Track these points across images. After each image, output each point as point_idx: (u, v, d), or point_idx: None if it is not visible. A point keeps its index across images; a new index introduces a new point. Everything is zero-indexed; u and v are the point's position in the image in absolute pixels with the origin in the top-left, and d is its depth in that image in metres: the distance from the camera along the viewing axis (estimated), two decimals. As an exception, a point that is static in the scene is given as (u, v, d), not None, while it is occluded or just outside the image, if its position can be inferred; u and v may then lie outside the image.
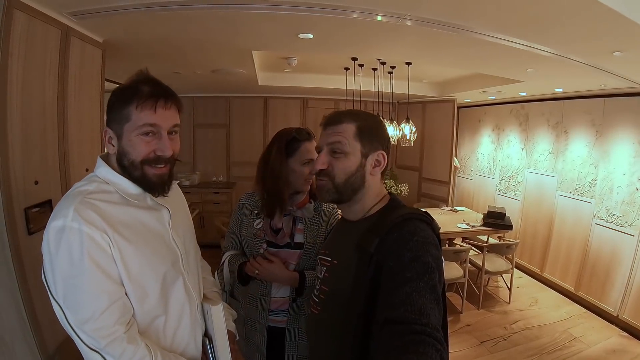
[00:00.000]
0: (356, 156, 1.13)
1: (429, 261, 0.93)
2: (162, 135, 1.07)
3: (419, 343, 0.77)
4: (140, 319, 1.07)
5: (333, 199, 1.17)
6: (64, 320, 0.98)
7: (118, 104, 1.06)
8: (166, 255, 1.14)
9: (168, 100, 1.08)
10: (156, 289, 1.09)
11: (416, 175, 6.98)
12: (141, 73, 1.10)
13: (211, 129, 6.52)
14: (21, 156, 1.87)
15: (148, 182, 1.10)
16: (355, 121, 1.14)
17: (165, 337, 1.12)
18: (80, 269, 0.96)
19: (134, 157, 1.07)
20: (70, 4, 2.09)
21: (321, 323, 1.19)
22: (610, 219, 4.17)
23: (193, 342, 1.21)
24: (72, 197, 1.00)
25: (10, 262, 1.78)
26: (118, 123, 1.06)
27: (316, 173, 1.17)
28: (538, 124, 5.29)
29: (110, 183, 1.09)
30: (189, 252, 1.26)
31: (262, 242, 1.68)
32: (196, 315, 1.22)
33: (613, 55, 2.72)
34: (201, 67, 4.19)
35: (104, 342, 0.96)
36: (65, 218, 0.95)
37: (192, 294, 1.20)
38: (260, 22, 2.47)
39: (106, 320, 0.97)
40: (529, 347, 3.55)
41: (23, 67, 1.87)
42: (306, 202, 1.72)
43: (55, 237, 0.95)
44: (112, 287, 1.00)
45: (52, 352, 1.94)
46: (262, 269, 1.58)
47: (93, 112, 2.66)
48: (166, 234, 1.16)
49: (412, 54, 3.55)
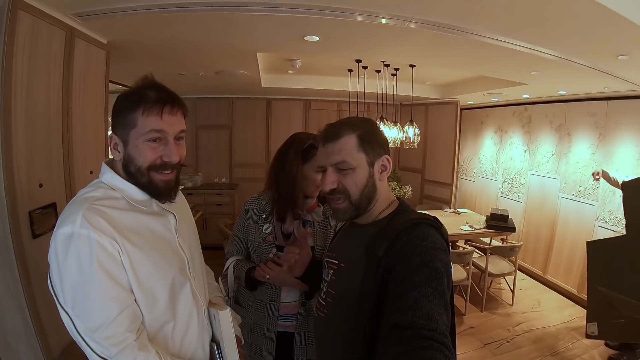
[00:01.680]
0: (364, 167, 1.11)
1: (437, 267, 0.93)
2: (168, 141, 1.07)
3: (427, 348, 0.77)
4: (149, 325, 1.06)
5: (352, 216, 1.15)
6: (73, 329, 0.97)
7: (124, 109, 1.05)
8: (174, 261, 1.14)
9: (174, 106, 1.07)
10: (165, 294, 1.09)
11: (419, 177, 6.98)
12: (146, 79, 1.09)
13: (214, 131, 6.52)
14: (25, 158, 1.87)
15: (155, 188, 1.09)
16: (353, 131, 1.11)
17: (174, 343, 1.12)
18: (89, 276, 0.95)
19: (140, 164, 1.06)
20: (75, 5, 2.09)
21: (327, 326, 1.18)
22: (613, 221, 4.16)
23: (201, 348, 1.20)
24: (79, 204, 0.99)
25: (15, 265, 1.77)
26: (124, 129, 1.05)
27: (327, 193, 1.14)
28: (541, 126, 5.28)
29: (116, 189, 1.08)
30: (194, 257, 1.25)
31: (272, 246, 1.66)
32: (203, 321, 1.22)
33: (617, 59, 2.72)
34: (205, 69, 4.19)
35: (115, 350, 0.96)
36: (73, 225, 0.94)
37: (199, 299, 1.20)
38: (266, 25, 2.47)
39: (117, 327, 0.96)
40: (532, 349, 3.55)
41: (27, 68, 1.87)
42: (315, 206, 1.72)
43: (63, 244, 0.94)
44: (122, 294, 0.99)
45: (57, 356, 1.93)
46: (274, 274, 1.55)
47: (97, 113, 2.65)
48: (173, 239, 1.16)
49: (416, 56, 3.54)
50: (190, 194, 5.86)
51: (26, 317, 1.81)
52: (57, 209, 2.09)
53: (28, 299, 1.80)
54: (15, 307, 1.79)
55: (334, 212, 1.18)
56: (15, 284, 1.78)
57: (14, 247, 1.77)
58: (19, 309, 1.79)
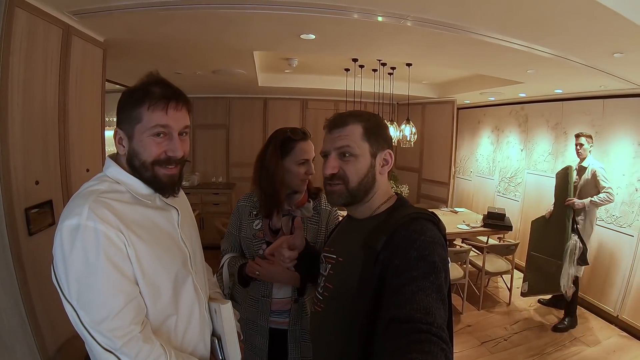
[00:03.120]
0: (366, 157, 1.13)
1: (435, 261, 0.93)
2: (173, 136, 1.09)
3: (424, 342, 0.77)
4: (153, 318, 1.07)
5: (345, 202, 1.16)
6: (77, 321, 0.96)
7: (129, 105, 1.07)
8: (177, 255, 1.16)
9: (179, 101, 1.09)
10: (169, 288, 1.10)
11: (416, 177, 7.00)
12: (152, 75, 1.11)
13: (211, 130, 6.52)
14: (22, 156, 1.86)
15: (159, 182, 1.11)
16: (360, 122, 1.14)
17: (177, 337, 1.13)
18: (95, 268, 0.95)
19: (145, 158, 1.07)
20: (72, 3, 2.08)
21: (324, 321, 1.19)
22: (609, 219, 4.18)
23: (202, 342, 1.22)
24: (85, 196, 1.00)
25: (11, 262, 1.76)
26: (129, 124, 1.07)
27: (327, 178, 1.15)
28: (538, 125, 5.31)
29: (121, 183, 1.09)
30: (195, 252, 1.27)
31: (262, 242, 1.68)
32: (204, 315, 1.23)
33: (613, 57, 2.72)
34: (202, 68, 4.19)
35: (120, 342, 0.96)
36: (79, 216, 0.95)
37: (200, 293, 1.22)
38: (262, 23, 2.46)
39: (122, 320, 0.97)
40: (529, 348, 3.56)
41: (24, 65, 1.86)
42: (305, 202, 1.70)
43: (70, 236, 0.94)
44: (128, 287, 1.00)
45: (53, 354, 1.93)
46: (263, 270, 1.56)
47: (94, 112, 2.65)
48: (175, 233, 1.18)
49: (413, 54, 3.55)
50: (188, 193, 5.66)
51: (22, 315, 1.80)
52: (54, 206, 2.09)
53: (24, 296, 1.80)
54: (11, 305, 1.78)
55: (329, 195, 1.18)
56: (11, 282, 1.77)
57: (10, 245, 1.76)
58: (15, 306, 1.78)
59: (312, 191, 1.76)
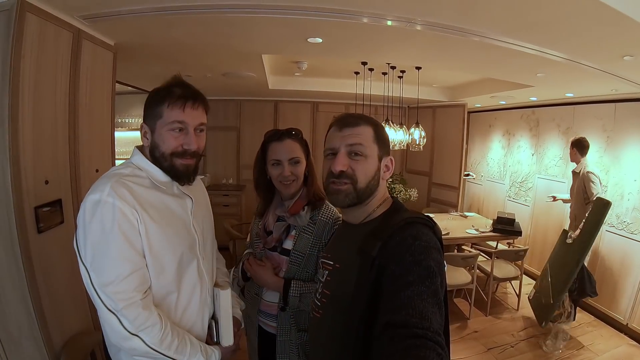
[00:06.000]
0: (374, 159, 1.14)
1: (430, 265, 0.93)
2: (189, 131, 1.24)
3: (420, 347, 0.77)
4: (155, 291, 1.20)
5: (351, 203, 1.14)
6: (89, 281, 1.10)
7: (153, 103, 1.23)
8: (185, 238, 1.29)
9: (196, 101, 1.26)
10: (172, 266, 1.23)
11: (426, 180, 6.95)
12: (175, 77, 1.29)
13: (222, 132, 6.56)
14: (32, 156, 1.90)
15: (176, 171, 1.26)
16: (371, 125, 1.17)
17: (176, 314, 1.25)
18: (109, 237, 1.09)
19: (164, 150, 1.23)
20: (82, 8, 2.13)
21: (322, 327, 1.19)
22: (620, 225, 4.10)
23: (200, 322, 1.34)
24: (109, 177, 1.16)
25: (20, 260, 1.80)
26: (152, 119, 1.23)
27: (334, 175, 1.13)
28: (549, 129, 5.25)
29: (143, 169, 1.25)
30: (206, 239, 1.41)
31: (260, 242, 1.74)
32: (206, 298, 1.36)
33: (623, 60, 2.69)
34: (211, 71, 4.22)
35: (122, 305, 1.08)
36: (102, 193, 1.10)
37: (204, 277, 1.35)
38: (270, 26, 2.49)
39: (126, 285, 1.10)
40: (536, 355, 3.51)
41: (35, 69, 1.91)
42: (298, 209, 1.63)
43: (92, 208, 1.10)
44: (135, 257, 1.14)
45: (59, 349, 1.97)
46: (252, 270, 1.64)
47: (104, 113, 2.69)
48: (187, 219, 1.32)
49: (422, 58, 3.54)
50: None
51: (29, 310, 1.84)
52: (63, 205, 2.13)
53: (32, 292, 1.84)
54: (19, 300, 1.83)
55: (334, 195, 1.15)
56: (19, 278, 1.81)
57: (19, 242, 1.80)
58: (22, 302, 1.83)
59: (314, 199, 1.67)
